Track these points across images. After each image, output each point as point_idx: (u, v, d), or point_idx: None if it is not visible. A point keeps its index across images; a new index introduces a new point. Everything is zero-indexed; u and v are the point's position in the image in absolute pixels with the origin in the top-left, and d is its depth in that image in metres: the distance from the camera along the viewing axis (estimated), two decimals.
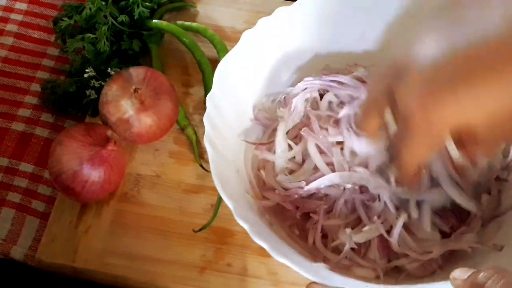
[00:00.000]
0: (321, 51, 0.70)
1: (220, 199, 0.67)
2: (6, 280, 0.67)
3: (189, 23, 0.79)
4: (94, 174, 0.64)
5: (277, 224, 0.61)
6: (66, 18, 0.77)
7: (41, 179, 0.71)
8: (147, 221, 0.67)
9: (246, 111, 0.66)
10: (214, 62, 0.68)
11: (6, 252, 0.67)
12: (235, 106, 0.64)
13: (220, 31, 0.79)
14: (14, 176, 0.71)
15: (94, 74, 0.73)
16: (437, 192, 0.59)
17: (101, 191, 0.65)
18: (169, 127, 0.70)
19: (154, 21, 0.78)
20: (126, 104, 0.67)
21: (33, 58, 0.80)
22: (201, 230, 0.66)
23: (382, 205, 0.59)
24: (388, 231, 0.58)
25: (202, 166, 0.70)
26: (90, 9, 0.76)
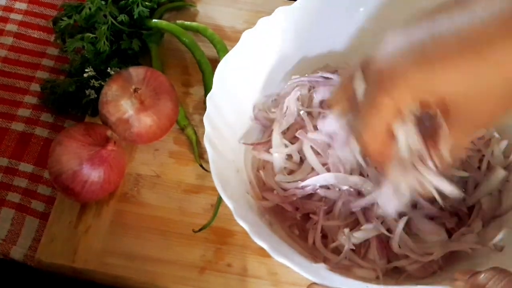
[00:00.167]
0: (321, 51, 0.70)
1: (220, 199, 0.67)
2: (5, 280, 0.67)
3: (189, 23, 0.79)
4: (93, 174, 0.64)
5: (277, 224, 0.61)
6: (65, 18, 0.77)
7: (40, 179, 0.71)
8: (147, 221, 0.67)
9: (246, 111, 0.66)
10: (214, 62, 0.68)
11: (6, 252, 0.67)
12: (235, 106, 0.64)
13: (220, 31, 0.78)
14: (14, 176, 0.71)
15: (93, 73, 0.73)
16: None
17: (100, 191, 0.65)
18: (169, 127, 0.70)
19: (154, 20, 0.78)
20: (126, 104, 0.67)
21: (32, 58, 0.80)
22: (201, 230, 0.66)
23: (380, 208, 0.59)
24: (388, 230, 0.58)
25: (202, 166, 0.70)
26: (90, 8, 0.76)
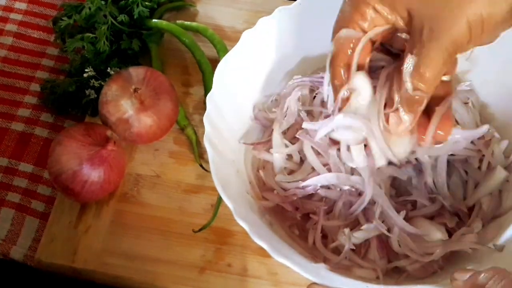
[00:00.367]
0: (321, 51, 0.70)
1: (220, 199, 0.67)
2: (5, 280, 0.67)
3: (189, 23, 0.79)
4: (93, 174, 0.64)
5: (277, 224, 0.61)
6: (65, 18, 0.77)
7: (40, 179, 0.71)
8: (147, 221, 0.67)
9: (246, 111, 0.66)
10: (214, 62, 0.68)
11: (6, 252, 0.66)
12: (235, 106, 0.64)
13: (220, 31, 0.78)
14: (14, 176, 0.71)
15: (93, 73, 0.73)
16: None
17: (100, 191, 0.65)
18: (169, 127, 0.70)
19: (154, 20, 0.78)
20: (126, 104, 0.67)
21: (32, 57, 0.80)
22: (201, 230, 0.66)
23: (380, 208, 0.59)
24: (388, 230, 0.58)
25: (202, 166, 0.70)
26: (90, 8, 0.76)
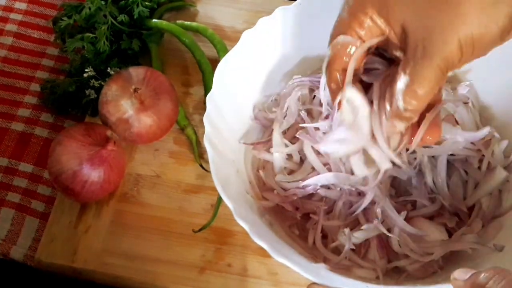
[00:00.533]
0: (321, 51, 0.69)
1: (220, 199, 0.67)
2: (5, 280, 0.67)
3: (189, 23, 0.79)
4: (93, 174, 0.64)
5: (277, 224, 0.61)
6: (65, 18, 0.77)
7: (40, 179, 0.71)
8: (147, 221, 0.67)
9: (246, 111, 0.66)
10: (214, 62, 0.68)
11: (6, 252, 0.66)
12: (235, 106, 0.64)
13: (220, 31, 0.78)
14: (14, 176, 0.71)
15: (93, 73, 0.73)
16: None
17: (100, 191, 0.65)
18: (169, 127, 0.70)
19: (154, 20, 0.78)
20: (126, 104, 0.67)
21: (32, 58, 0.80)
22: (201, 230, 0.66)
23: (380, 208, 0.59)
24: (388, 230, 0.58)
25: (202, 166, 0.70)
26: (90, 8, 0.76)
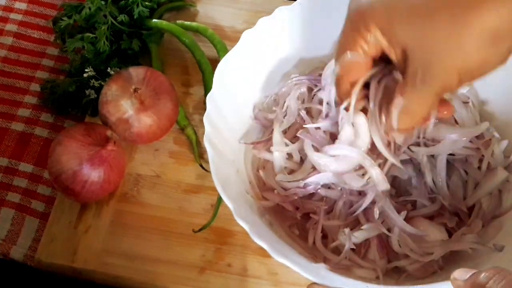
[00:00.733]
0: (321, 51, 0.70)
1: (220, 199, 0.67)
2: (5, 280, 0.67)
3: (189, 23, 0.79)
4: (93, 174, 0.64)
5: (277, 224, 0.61)
6: (65, 18, 0.77)
7: (40, 179, 0.71)
8: (147, 221, 0.67)
9: (246, 111, 0.66)
10: (214, 62, 0.68)
11: (6, 252, 0.66)
12: (235, 106, 0.64)
13: (220, 31, 0.78)
14: (14, 176, 0.71)
15: (93, 73, 0.73)
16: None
17: (100, 191, 0.65)
18: (169, 127, 0.70)
19: (154, 20, 0.78)
20: (126, 104, 0.67)
21: (32, 58, 0.80)
22: (201, 230, 0.66)
23: (380, 208, 0.59)
24: (388, 230, 0.58)
25: (202, 166, 0.70)
26: (90, 8, 0.76)
